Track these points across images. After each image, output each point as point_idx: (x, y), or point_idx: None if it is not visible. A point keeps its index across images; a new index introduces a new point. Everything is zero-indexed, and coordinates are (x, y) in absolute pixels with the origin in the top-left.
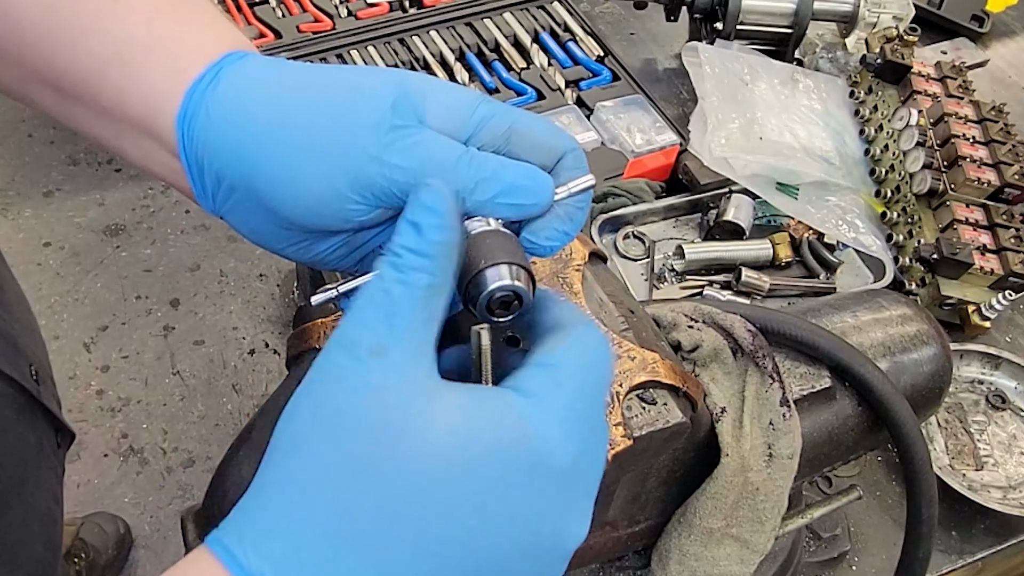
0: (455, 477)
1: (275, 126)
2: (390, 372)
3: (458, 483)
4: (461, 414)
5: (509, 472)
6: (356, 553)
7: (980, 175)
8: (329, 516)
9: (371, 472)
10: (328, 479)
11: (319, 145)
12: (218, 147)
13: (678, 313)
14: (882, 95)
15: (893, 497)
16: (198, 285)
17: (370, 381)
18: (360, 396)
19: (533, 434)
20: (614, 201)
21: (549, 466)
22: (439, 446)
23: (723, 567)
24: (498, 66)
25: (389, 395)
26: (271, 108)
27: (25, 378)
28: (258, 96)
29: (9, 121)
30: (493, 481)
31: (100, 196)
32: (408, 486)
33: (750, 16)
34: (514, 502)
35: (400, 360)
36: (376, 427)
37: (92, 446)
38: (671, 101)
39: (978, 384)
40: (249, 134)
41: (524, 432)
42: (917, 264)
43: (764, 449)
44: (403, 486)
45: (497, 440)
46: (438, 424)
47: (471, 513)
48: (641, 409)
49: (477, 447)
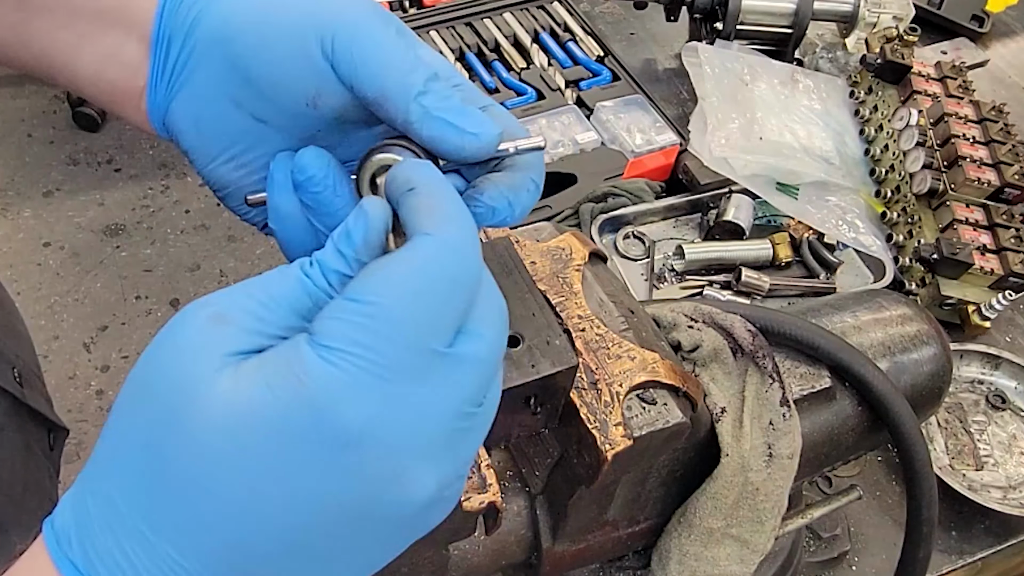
0: (226, 452)
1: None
2: (210, 339)
3: (231, 458)
4: (238, 385)
5: (289, 443)
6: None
7: (980, 175)
8: (120, 484)
9: (156, 439)
10: (127, 448)
11: (302, 6)
12: (197, 2)
13: (678, 313)
14: (882, 95)
15: (893, 497)
16: (198, 285)
17: (188, 343)
18: (174, 354)
19: (316, 399)
20: (614, 201)
21: (340, 430)
22: (212, 420)
23: (723, 567)
24: (498, 66)
25: (194, 361)
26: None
27: (8, 382)
28: None
29: (9, 121)
30: (273, 454)
31: (100, 196)
32: (185, 461)
33: (750, 16)
34: (299, 473)
35: (226, 332)
36: (170, 393)
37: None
38: (671, 101)
39: (978, 384)
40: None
41: (305, 396)
42: (917, 264)
43: (764, 449)
44: (181, 461)
45: (272, 410)
46: (215, 398)
47: (252, 488)
48: (641, 409)
49: (250, 419)
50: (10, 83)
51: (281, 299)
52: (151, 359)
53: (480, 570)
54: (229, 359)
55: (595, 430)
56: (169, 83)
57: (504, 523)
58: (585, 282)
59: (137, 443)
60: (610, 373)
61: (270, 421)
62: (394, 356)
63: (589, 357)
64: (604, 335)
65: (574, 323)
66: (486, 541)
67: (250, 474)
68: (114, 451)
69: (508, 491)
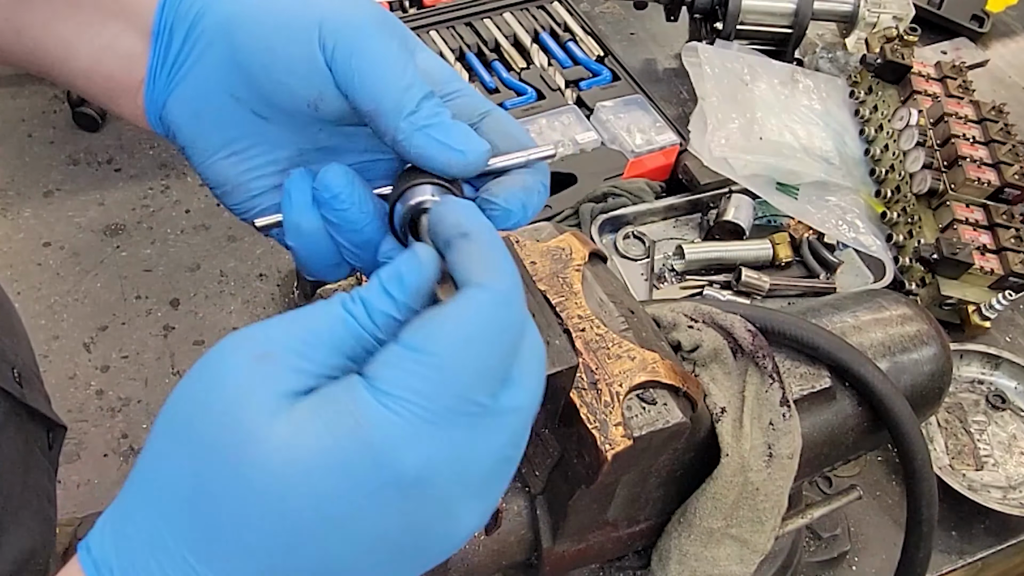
0: (285, 496)
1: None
2: (259, 379)
3: (289, 501)
4: (296, 429)
5: (345, 486)
6: (202, 563)
7: (980, 175)
8: (170, 521)
9: (208, 480)
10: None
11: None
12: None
13: (678, 313)
14: (882, 95)
15: (893, 497)
16: (198, 285)
17: (237, 383)
18: (223, 394)
19: (375, 441)
20: (614, 201)
21: (396, 475)
22: (269, 464)
23: (723, 567)
24: (498, 66)
25: (245, 403)
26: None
27: (8, 382)
28: None
29: (9, 121)
30: (328, 497)
31: (100, 196)
32: (241, 503)
33: (750, 16)
34: (356, 515)
35: (275, 372)
36: (221, 435)
37: (92, 446)
38: (671, 101)
39: (978, 384)
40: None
41: (363, 439)
42: (917, 264)
43: (764, 449)
44: (237, 502)
45: (330, 454)
46: (274, 441)
47: (307, 529)
48: (641, 409)
49: (308, 463)
50: (10, 83)
51: (325, 337)
52: (195, 397)
53: (480, 570)
54: (281, 400)
55: (595, 430)
56: (169, 75)
57: (504, 523)
58: (585, 282)
59: (186, 480)
60: (610, 373)
61: (331, 466)
62: (450, 405)
63: (589, 357)
64: (604, 335)
65: (574, 323)
66: (486, 541)
67: (307, 516)
68: (158, 485)
69: (508, 491)
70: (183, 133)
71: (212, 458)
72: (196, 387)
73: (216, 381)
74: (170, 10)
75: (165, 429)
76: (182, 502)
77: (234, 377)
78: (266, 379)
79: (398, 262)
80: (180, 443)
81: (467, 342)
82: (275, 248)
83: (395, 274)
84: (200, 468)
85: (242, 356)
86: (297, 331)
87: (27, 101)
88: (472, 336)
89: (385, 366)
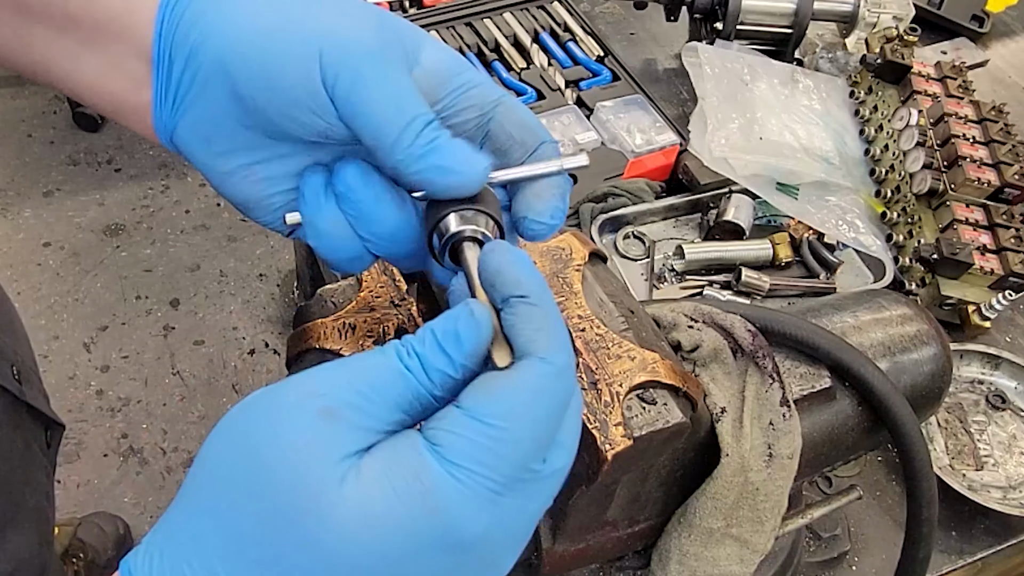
0: (353, 558)
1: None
2: (325, 438)
3: (357, 563)
4: (365, 492)
5: (412, 548)
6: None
7: (980, 175)
8: (229, 567)
9: (274, 539)
10: (237, 531)
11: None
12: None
13: (678, 313)
14: (882, 95)
15: (893, 497)
16: (198, 285)
17: (303, 441)
18: (289, 453)
19: (442, 508)
20: (614, 201)
21: (459, 539)
22: (342, 528)
23: (723, 567)
24: (498, 66)
25: (313, 464)
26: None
27: (7, 379)
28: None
29: (9, 121)
30: (396, 561)
31: (100, 196)
32: (312, 564)
33: (750, 16)
34: (417, 575)
35: (340, 430)
36: (290, 494)
37: (92, 446)
38: (671, 101)
39: (978, 384)
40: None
41: (432, 506)
42: (917, 264)
43: (764, 449)
44: (305, 562)
45: (400, 519)
46: (346, 505)
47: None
48: (641, 409)
49: (380, 528)
50: (10, 83)
51: (384, 393)
52: (256, 450)
53: None
54: (348, 461)
55: (595, 430)
56: (174, 105)
57: None
58: (585, 282)
59: (253, 538)
60: (610, 373)
61: (400, 532)
62: (509, 475)
63: (589, 357)
64: (604, 335)
65: (574, 323)
66: None
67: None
68: (220, 536)
69: None
70: (196, 157)
71: (281, 520)
72: (257, 436)
73: (279, 435)
74: (167, 37)
75: (222, 472)
76: (248, 560)
77: (301, 434)
78: (333, 438)
79: (455, 319)
80: (244, 497)
81: (530, 415)
82: (275, 248)
83: (452, 333)
84: (269, 529)
85: (308, 413)
86: (358, 385)
87: (27, 101)
88: (537, 410)
89: (450, 433)
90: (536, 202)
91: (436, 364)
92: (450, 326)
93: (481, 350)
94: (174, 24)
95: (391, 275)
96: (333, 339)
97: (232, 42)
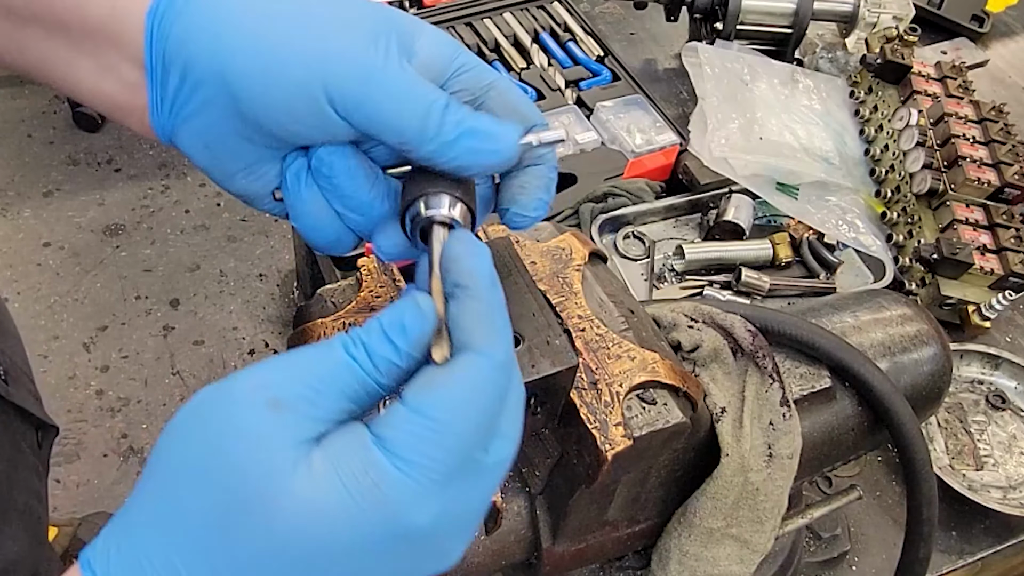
0: (305, 548)
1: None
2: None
3: (308, 552)
4: (316, 485)
5: (361, 540)
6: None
7: (980, 175)
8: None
9: (227, 527)
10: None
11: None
12: (189, 34)
13: (678, 313)
14: (882, 95)
15: (893, 497)
16: (198, 285)
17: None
18: (239, 443)
19: (390, 500)
20: (614, 201)
21: (407, 529)
22: (294, 522)
23: (723, 567)
24: (498, 66)
25: (263, 452)
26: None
27: None
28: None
29: (9, 121)
30: (346, 551)
31: (100, 196)
32: (261, 551)
33: (750, 16)
34: (369, 566)
35: (289, 421)
36: (241, 482)
37: (92, 446)
38: (671, 101)
39: (978, 384)
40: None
41: (380, 499)
42: (917, 264)
43: (764, 449)
44: (257, 550)
45: (351, 512)
46: (297, 499)
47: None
48: (641, 409)
49: (330, 522)
50: (10, 83)
51: (331, 383)
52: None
53: (480, 570)
54: (299, 449)
55: (595, 430)
56: (171, 112)
57: (504, 523)
58: (585, 282)
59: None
60: (610, 373)
61: (350, 524)
62: (455, 465)
63: (589, 357)
64: (604, 335)
65: (574, 323)
66: (486, 541)
67: (322, 563)
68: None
69: (508, 491)
70: (198, 159)
71: (233, 508)
72: (209, 429)
73: (231, 426)
74: (158, 48)
75: (175, 465)
76: (202, 545)
77: (252, 425)
78: (283, 428)
79: (401, 311)
80: (200, 485)
81: (471, 408)
82: (275, 248)
83: (398, 322)
84: (223, 515)
85: (256, 403)
86: (305, 377)
87: (27, 101)
88: (476, 403)
89: (396, 429)
90: (520, 194)
91: (382, 352)
92: (396, 317)
93: (426, 339)
94: (164, 37)
95: (391, 275)
96: None
97: (234, 66)
